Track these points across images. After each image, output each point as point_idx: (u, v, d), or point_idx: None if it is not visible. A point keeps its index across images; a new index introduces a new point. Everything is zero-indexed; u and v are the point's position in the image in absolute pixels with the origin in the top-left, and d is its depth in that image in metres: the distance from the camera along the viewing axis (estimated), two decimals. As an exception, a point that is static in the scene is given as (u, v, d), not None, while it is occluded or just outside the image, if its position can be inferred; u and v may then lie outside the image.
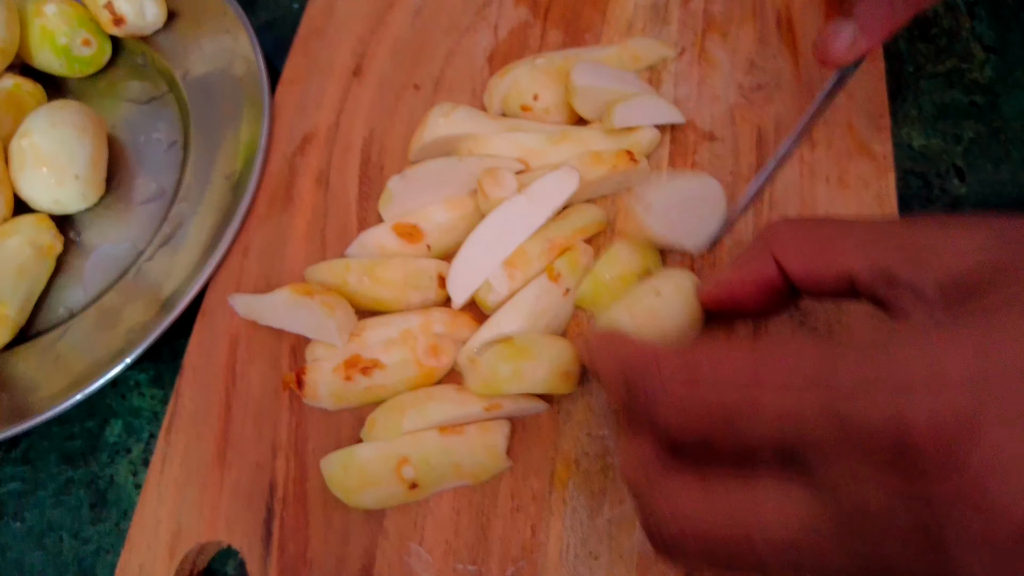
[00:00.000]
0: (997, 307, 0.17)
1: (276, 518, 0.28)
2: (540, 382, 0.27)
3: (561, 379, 0.27)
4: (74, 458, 0.33)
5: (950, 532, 0.15)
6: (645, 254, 0.29)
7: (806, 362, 0.17)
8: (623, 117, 0.30)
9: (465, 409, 0.27)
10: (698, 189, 0.30)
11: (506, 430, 0.27)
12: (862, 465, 0.16)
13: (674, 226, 0.29)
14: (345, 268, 0.29)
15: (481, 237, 0.29)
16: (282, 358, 0.31)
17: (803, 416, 0.17)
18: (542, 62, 0.33)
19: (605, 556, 0.26)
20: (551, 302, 0.29)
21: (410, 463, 0.27)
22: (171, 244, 0.36)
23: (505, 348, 0.27)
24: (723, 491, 0.18)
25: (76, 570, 0.31)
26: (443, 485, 0.27)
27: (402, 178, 0.30)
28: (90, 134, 0.36)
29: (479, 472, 0.27)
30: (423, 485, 0.27)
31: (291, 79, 0.38)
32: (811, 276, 0.22)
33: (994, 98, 0.35)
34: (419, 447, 0.27)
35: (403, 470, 0.27)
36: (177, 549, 0.28)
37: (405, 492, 0.27)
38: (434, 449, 0.27)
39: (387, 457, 0.27)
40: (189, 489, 0.29)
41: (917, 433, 0.15)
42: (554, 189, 0.28)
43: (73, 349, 0.34)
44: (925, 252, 0.19)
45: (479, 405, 0.27)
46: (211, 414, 0.30)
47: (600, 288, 0.29)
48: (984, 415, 0.15)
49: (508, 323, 0.28)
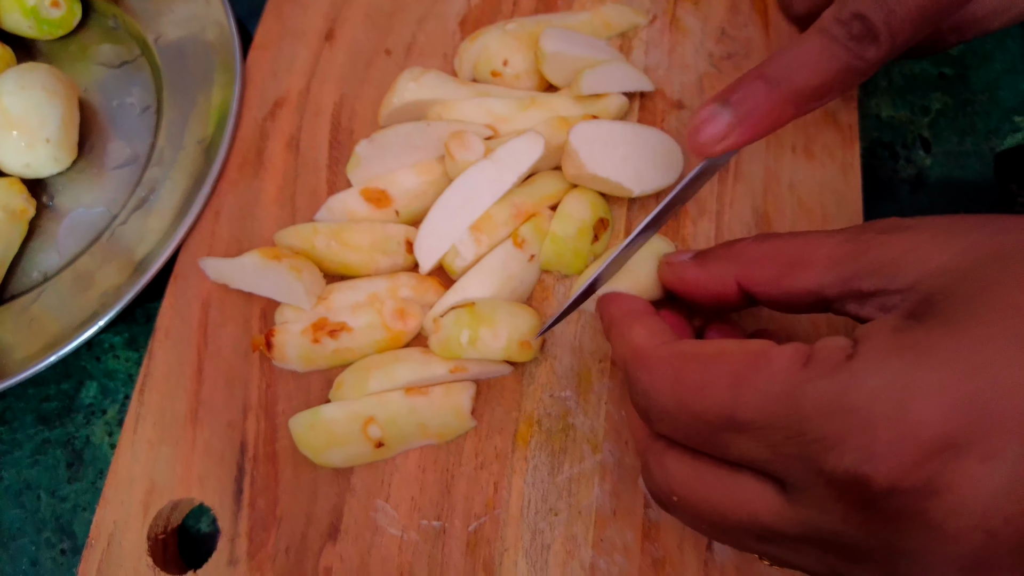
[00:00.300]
0: (953, 313, 0.17)
1: (247, 476, 0.29)
2: (498, 350, 0.27)
3: (519, 348, 0.27)
4: (50, 419, 0.34)
5: (902, 556, 0.17)
6: (594, 204, 0.29)
7: (777, 388, 0.18)
8: (591, 84, 0.30)
9: (430, 371, 0.28)
10: (650, 140, 0.30)
11: (471, 391, 0.28)
12: (828, 497, 0.17)
13: (616, 168, 0.29)
14: (313, 232, 0.30)
15: (448, 202, 0.29)
16: (253, 320, 0.31)
17: (775, 455, 0.18)
18: (513, 27, 0.33)
19: (565, 512, 0.27)
20: (516, 268, 0.29)
21: (376, 423, 0.27)
22: (144, 208, 0.36)
23: (466, 314, 0.27)
24: (709, 477, 0.20)
25: (54, 527, 0.32)
26: (409, 444, 0.28)
27: (370, 142, 0.30)
28: (61, 97, 0.36)
29: (444, 432, 0.28)
30: (389, 444, 0.28)
31: (263, 43, 0.37)
32: (778, 297, 0.22)
33: (963, 70, 0.36)
34: (385, 407, 0.27)
35: (369, 429, 0.27)
36: (151, 506, 0.29)
37: (371, 451, 0.28)
38: (400, 409, 0.27)
39: (353, 417, 0.27)
40: (162, 448, 0.30)
41: (876, 484, 0.16)
42: (520, 154, 0.29)
43: (47, 312, 0.35)
44: (889, 265, 0.19)
45: (444, 367, 0.28)
46: (183, 375, 0.31)
47: (561, 246, 0.29)
48: (940, 458, 0.16)
49: (473, 288, 0.29)
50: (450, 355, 0.27)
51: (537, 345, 0.28)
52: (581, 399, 0.29)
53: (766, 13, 0.35)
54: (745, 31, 0.34)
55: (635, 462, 0.27)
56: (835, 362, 0.17)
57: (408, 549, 0.27)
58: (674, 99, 0.33)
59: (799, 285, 0.21)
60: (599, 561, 0.26)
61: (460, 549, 0.27)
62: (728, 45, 0.34)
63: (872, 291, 0.20)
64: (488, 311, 0.27)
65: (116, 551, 0.28)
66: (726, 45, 0.34)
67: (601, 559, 0.26)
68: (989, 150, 0.34)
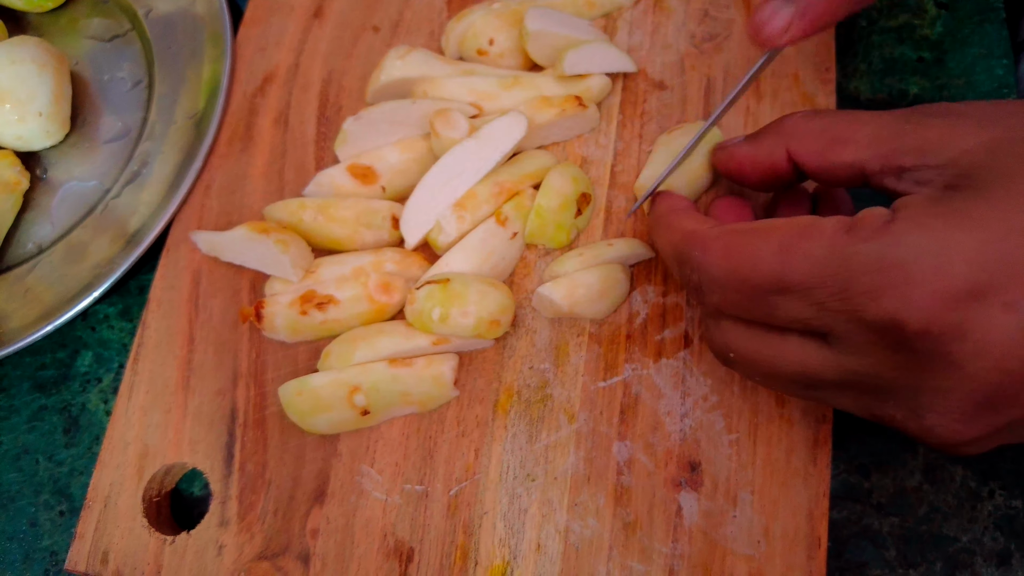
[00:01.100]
0: (988, 185, 0.19)
1: (237, 441, 0.30)
2: (466, 328, 0.28)
3: (488, 327, 0.28)
4: (47, 386, 0.35)
5: (925, 392, 0.20)
6: (576, 179, 0.30)
7: (824, 251, 0.20)
8: (573, 64, 0.31)
9: (413, 343, 0.29)
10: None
11: (453, 363, 0.29)
12: (868, 343, 0.20)
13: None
14: (300, 207, 0.30)
15: (433, 180, 0.30)
16: (242, 292, 0.32)
17: (822, 308, 0.20)
18: (499, 7, 0.33)
19: (541, 478, 0.28)
20: (498, 245, 0.30)
21: (361, 391, 0.28)
22: (137, 182, 0.37)
23: (438, 291, 0.28)
24: (759, 337, 0.23)
25: (51, 489, 0.33)
26: (393, 412, 0.29)
27: (357, 119, 0.31)
28: (52, 70, 0.36)
29: (427, 401, 0.29)
30: (374, 412, 0.29)
31: (252, 19, 0.38)
32: (823, 168, 0.24)
33: (941, 54, 0.36)
34: (370, 376, 0.28)
35: (355, 398, 0.28)
36: (145, 470, 0.30)
37: (357, 418, 0.29)
38: (384, 378, 0.29)
39: (340, 385, 0.28)
40: (155, 414, 0.31)
41: (911, 327, 0.19)
42: (503, 134, 0.29)
43: (42, 282, 0.35)
44: (929, 143, 0.21)
45: (427, 340, 0.29)
46: (175, 344, 0.32)
47: (545, 219, 0.30)
48: (967, 304, 0.18)
49: (457, 265, 0.29)
50: (423, 328, 0.28)
51: (507, 323, 0.29)
52: (559, 371, 0.30)
53: (749, -5, 0.35)
54: (727, 12, 0.35)
55: (608, 429, 0.29)
56: (877, 226, 0.20)
57: (392, 511, 0.28)
58: (656, 79, 0.34)
59: (843, 159, 0.23)
60: (573, 524, 0.28)
61: (441, 512, 0.28)
62: (710, 26, 0.35)
63: (911, 167, 0.21)
64: (460, 289, 0.28)
65: (112, 512, 0.30)
66: (708, 26, 0.35)
67: (575, 522, 0.28)
68: (963, 133, 0.35)
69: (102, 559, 0.29)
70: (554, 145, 0.33)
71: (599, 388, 0.29)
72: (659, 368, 0.29)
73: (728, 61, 0.34)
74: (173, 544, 0.29)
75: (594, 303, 0.29)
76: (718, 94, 0.33)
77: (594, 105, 0.32)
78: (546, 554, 0.27)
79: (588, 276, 0.29)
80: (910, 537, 0.29)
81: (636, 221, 0.31)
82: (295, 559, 0.28)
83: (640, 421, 0.29)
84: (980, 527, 0.29)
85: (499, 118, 0.30)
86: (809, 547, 0.26)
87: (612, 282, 0.29)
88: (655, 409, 0.29)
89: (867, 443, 0.30)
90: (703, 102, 0.33)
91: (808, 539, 0.27)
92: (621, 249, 0.30)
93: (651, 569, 0.27)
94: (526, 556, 0.27)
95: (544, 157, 0.32)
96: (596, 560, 0.27)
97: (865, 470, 0.30)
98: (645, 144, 0.33)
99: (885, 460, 0.30)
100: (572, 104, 0.30)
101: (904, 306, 0.19)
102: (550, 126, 0.31)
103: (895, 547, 0.29)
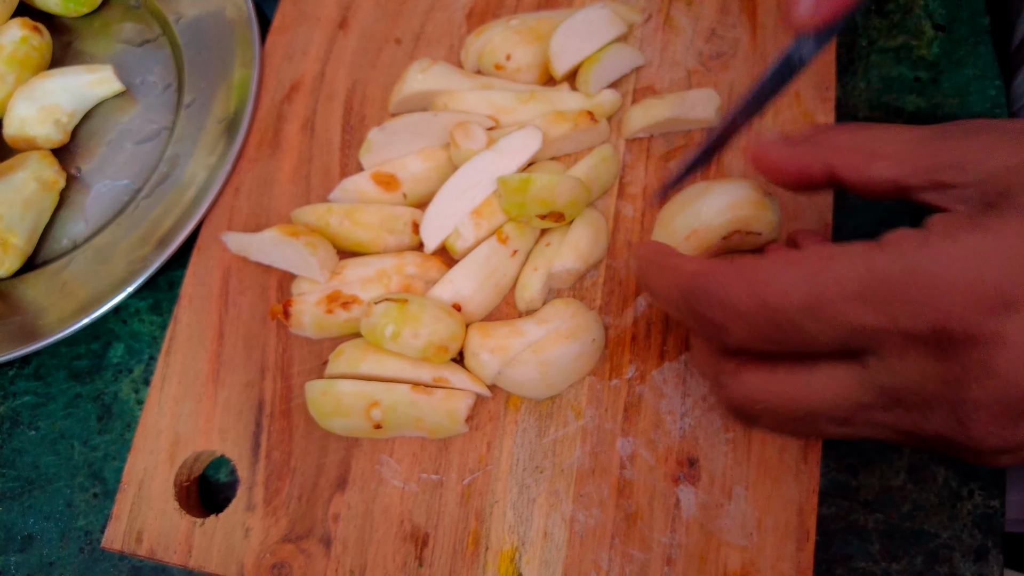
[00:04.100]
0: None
1: (264, 431, 0.32)
2: (415, 349, 0.29)
3: (436, 351, 0.29)
4: (81, 376, 0.37)
5: (968, 402, 0.20)
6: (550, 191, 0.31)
7: (861, 270, 0.20)
8: (597, 80, 0.33)
9: (415, 373, 0.30)
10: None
11: (470, 401, 0.30)
12: (907, 355, 0.20)
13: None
14: (327, 211, 0.32)
15: (452, 188, 0.32)
16: (270, 290, 0.34)
17: (862, 325, 0.20)
18: (516, 23, 0.35)
19: (549, 470, 0.30)
20: (499, 262, 0.31)
21: (380, 407, 0.30)
22: (168, 182, 0.39)
23: (395, 309, 0.29)
24: (787, 375, 0.22)
25: (86, 472, 0.35)
26: (403, 432, 0.31)
27: (381, 130, 0.33)
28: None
29: (437, 430, 0.30)
30: (386, 428, 0.30)
31: (280, 27, 0.39)
32: (863, 183, 0.24)
33: (937, 74, 0.38)
34: (391, 395, 0.30)
35: (372, 411, 0.30)
36: (176, 456, 0.32)
37: (369, 429, 0.30)
38: (403, 400, 0.30)
39: (362, 396, 0.30)
40: (186, 404, 0.33)
41: (956, 333, 0.19)
42: (519, 146, 0.31)
43: (77, 278, 0.37)
44: (967, 159, 0.21)
45: (429, 374, 0.30)
46: (206, 338, 0.34)
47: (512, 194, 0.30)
48: (1007, 313, 0.19)
49: (461, 280, 0.31)
50: (374, 341, 0.29)
51: (454, 351, 0.30)
52: (568, 370, 0.31)
53: (754, 15, 0.37)
54: (734, 32, 0.36)
55: (612, 426, 0.31)
56: (912, 241, 0.20)
57: (409, 499, 0.30)
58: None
59: (883, 174, 0.23)
60: (578, 514, 0.30)
61: (455, 500, 0.30)
62: (717, 45, 0.36)
63: (951, 183, 0.22)
64: (416, 311, 0.29)
65: (146, 494, 0.32)
66: (715, 45, 0.36)
67: (580, 512, 0.30)
68: (956, 151, 0.37)
69: (136, 538, 0.31)
70: (567, 156, 0.35)
71: (605, 387, 0.31)
72: (661, 369, 0.31)
73: (734, 79, 0.35)
74: (203, 526, 0.31)
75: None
76: (724, 112, 0.35)
77: (604, 120, 0.34)
78: (552, 541, 0.29)
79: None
80: (894, 533, 0.31)
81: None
82: (318, 542, 0.30)
83: (643, 419, 0.30)
84: (960, 525, 0.31)
85: (515, 132, 0.31)
86: (799, 539, 0.28)
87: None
88: (657, 408, 0.31)
89: (856, 444, 0.32)
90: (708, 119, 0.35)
91: (798, 532, 0.28)
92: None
93: (650, 557, 0.29)
94: (534, 542, 0.29)
95: (556, 168, 0.34)
96: (599, 548, 0.29)
97: (853, 469, 0.32)
98: (652, 157, 0.34)
99: (872, 460, 0.32)
100: (584, 119, 0.32)
101: (948, 315, 0.19)
102: (563, 139, 0.33)
103: (879, 542, 0.31)
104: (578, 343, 0.30)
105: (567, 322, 0.30)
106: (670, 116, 0.33)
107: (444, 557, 0.30)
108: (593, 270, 0.33)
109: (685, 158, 0.30)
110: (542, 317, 0.30)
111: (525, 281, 0.31)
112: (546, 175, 0.29)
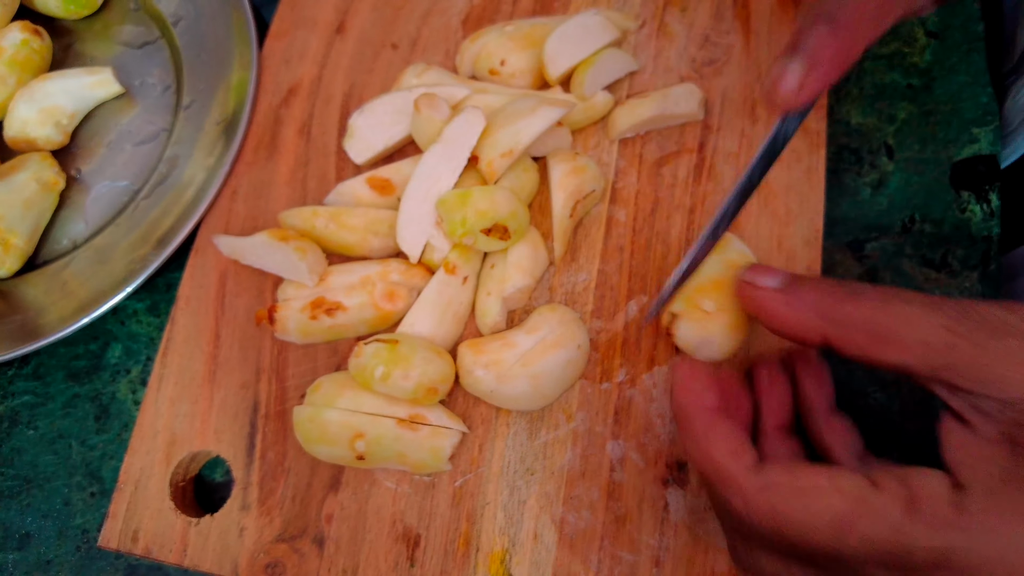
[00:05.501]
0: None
1: (259, 432, 0.33)
2: (405, 391, 0.29)
3: (426, 393, 0.29)
4: (79, 376, 0.37)
5: None
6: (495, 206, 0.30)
7: (886, 534, 0.19)
8: (592, 84, 0.33)
9: (391, 409, 0.30)
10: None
11: (455, 440, 0.30)
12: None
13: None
14: (313, 214, 0.33)
15: (415, 191, 0.31)
16: (266, 293, 0.35)
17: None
18: (511, 29, 0.35)
19: (539, 472, 0.31)
20: (452, 294, 0.32)
21: (364, 439, 0.29)
22: (166, 184, 0.39)
23: (385, 351, 0.29)
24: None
25: (84, 471, 0.36)
26: (386, 465, 0.31)
27: (360, 113, 0.33)
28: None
29: (419, 466, 0.30)
30: (368, 460, 0.30)
31: (278, 32, 0.40)
32: (864, 361, 0.22)
33: (929, 81, 0.38)
34: (376, 428, 0.29)
35: (356, 443, 0.29)
36: (172, 456, 0.33)
37: (352, 459, 0.30)
38: (388, 434, 0.29)
39: (347, 427, 0.30)
40: (182, 405, 0.33)
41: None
42: (463, 131, 0.31)
43: (77, 277, 0.38)
44: (986, 370, 0.20)
45: (405, 412, 0.30)
46: (202, 340, 0.34)
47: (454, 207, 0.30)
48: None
49: (419, 321, 0.31)
50: (363, 382, 0.29)
51: (444, 392, 0.30)
52: (559, 374, 0.32)
53: (748, 21, 0.37)
54: (727, 38, 0.37)
55: (603, 429, 0.31)
56: (943, 515, 0.19)
57: (401, 500, 0.31)
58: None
59: (888, 358, 0.21)
60: (568, 516, 0.30)
61: (447, 501, 0.31)
62: (711, 51, 0.37)
63: (967, 390, 0.20)
64: (407, 352, 0.29)
65: (142, 494, 0.32)
66: (709, 51, 0.37)
67: (570, 514, 0.30)
68: (947, 158, 0.37)
69: (132, 537, 0.32)
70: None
71: (595, 391, 0.31)
72: (651, 374, 0.31)
73: (727, 85, 0.36)
74: (198, 526, 0.31)
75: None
76: (716, 117, 0.35)
77: (566, 128, 0.34)
78: (542, 542, 0.30)
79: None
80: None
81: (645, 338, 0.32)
82: (311, 542, 0.31)
83: (632, 422, 0.31)
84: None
85: (457, 117, 0.31)
86: (785, 543, 0.29)
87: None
88: (647, 411, 0.31)
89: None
90: (700, 125, 0.35)
91: (785, 535, 0.29)
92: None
93: (639, 559, 0.29)
94: (524, 544, 0.30)
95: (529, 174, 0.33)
96: (588, 549, 0.29)
97: (842, 473, 0.32)
98: (645, 162, 0.35)
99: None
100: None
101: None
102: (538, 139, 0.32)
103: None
104: (565, 351, 0.30)
105: (556, 330, 0.30)
106: (655, 114, 0.33)
107: (435, 558, 0.30)
108: (584, 276, 0.33)
109: (682, 266, 0.29)
110: (531, 326, 0.31)
111: (483, 308, 0.31)
112: (482, 187, 0.29)
